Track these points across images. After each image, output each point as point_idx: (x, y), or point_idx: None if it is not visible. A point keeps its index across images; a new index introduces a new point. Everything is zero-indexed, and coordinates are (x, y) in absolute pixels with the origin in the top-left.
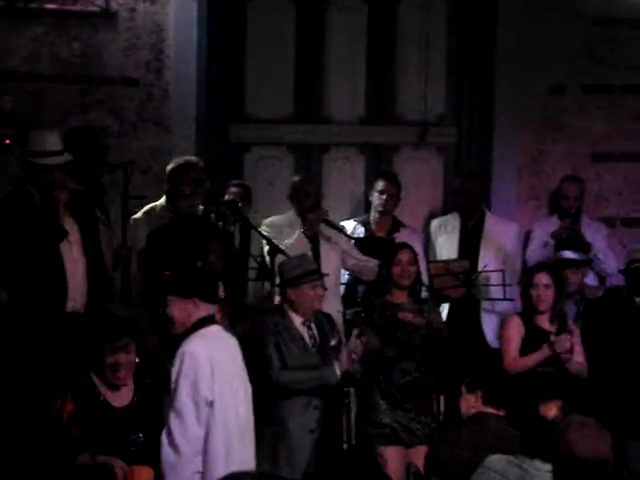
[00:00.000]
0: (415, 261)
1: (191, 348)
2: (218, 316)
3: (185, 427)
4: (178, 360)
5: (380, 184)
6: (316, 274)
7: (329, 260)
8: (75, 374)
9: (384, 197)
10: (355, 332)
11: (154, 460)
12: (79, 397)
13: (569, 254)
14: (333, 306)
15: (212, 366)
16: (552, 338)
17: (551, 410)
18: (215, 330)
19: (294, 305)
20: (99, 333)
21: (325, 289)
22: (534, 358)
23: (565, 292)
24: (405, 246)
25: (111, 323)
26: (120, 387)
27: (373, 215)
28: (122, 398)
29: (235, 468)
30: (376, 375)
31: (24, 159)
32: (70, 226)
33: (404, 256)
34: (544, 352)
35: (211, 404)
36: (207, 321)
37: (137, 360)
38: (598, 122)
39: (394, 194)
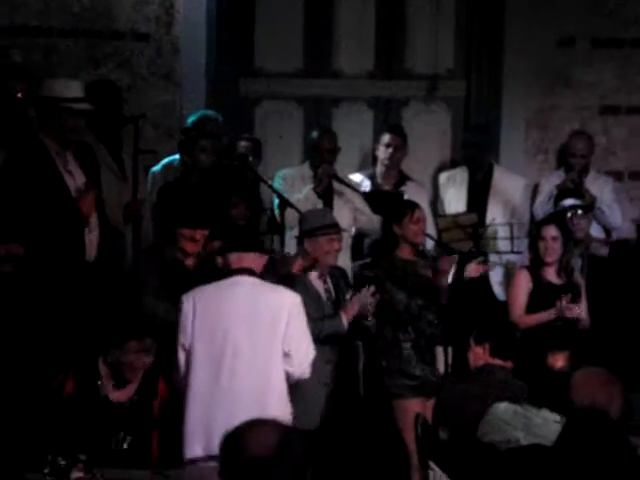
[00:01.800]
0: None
1: (184, 295)
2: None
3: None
4: None
5: (386, 137)
6: (334, 228)
7: (342, 216)
8: (81, 356)
9: (390, 150)
10: (371, 289)
11: (143, 460)
12: (80, 381)
13: (571, 201)
14: (342, 261)
15: (196, 313)
16: (563, 303)
17: (558, 361)
18: (237, 280)
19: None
20: (125, 329)
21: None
22: (539, 317)
23: (573, 239)
24: (417, 205)
25: (139, 321)
26: (126, 384)
27: (379, 168)
28: (123, 394)
29: (214, 426)
30: (405, 327)
31: (45, 106)
32: (80, 179)
33: (421, 214)
34: (550, 314)
35: (189, 351)
36: (237, 272)
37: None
38: (607, 75)
39: (400, 147)
